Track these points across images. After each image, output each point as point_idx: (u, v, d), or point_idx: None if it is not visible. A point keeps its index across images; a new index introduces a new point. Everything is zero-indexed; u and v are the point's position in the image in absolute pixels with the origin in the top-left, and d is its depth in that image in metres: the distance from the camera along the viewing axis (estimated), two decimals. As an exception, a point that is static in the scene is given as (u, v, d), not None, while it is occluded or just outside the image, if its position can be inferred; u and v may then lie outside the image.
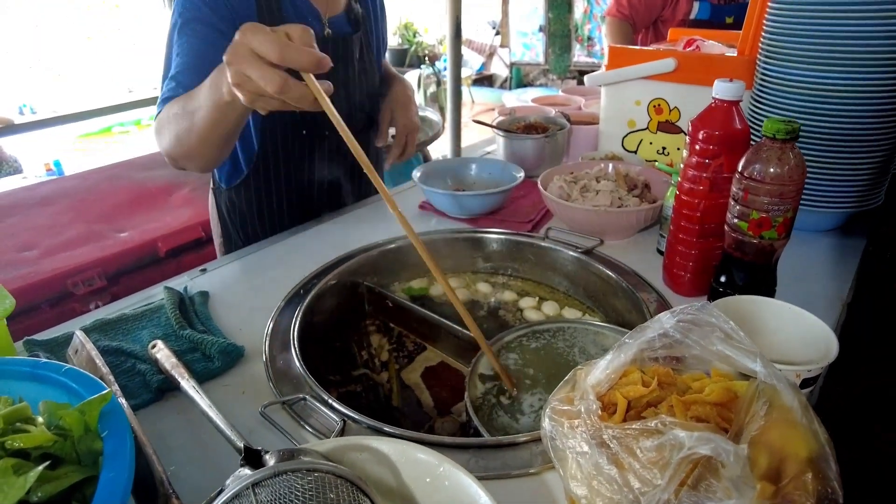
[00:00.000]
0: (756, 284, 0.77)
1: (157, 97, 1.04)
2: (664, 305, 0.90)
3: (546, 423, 0.52)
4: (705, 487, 0.41)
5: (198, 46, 0.99)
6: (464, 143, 4.22)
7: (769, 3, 1.01)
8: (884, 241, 1.00)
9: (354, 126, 1.17)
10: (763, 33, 1.03)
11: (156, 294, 0.96)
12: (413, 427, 0.77)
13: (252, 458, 0.49)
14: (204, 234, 1.74)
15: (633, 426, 0.44)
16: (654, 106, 1.26)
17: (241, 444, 0.51)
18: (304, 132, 1.18)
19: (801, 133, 0.95)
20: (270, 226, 1.25)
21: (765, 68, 1.03)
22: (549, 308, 1.01)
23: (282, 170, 1.20)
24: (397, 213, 0.70)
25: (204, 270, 1.04)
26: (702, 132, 0.79)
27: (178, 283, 0.99)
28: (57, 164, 4.56)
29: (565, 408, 0.52)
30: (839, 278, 0.96)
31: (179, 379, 0.67)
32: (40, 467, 0.39)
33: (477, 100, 6.98)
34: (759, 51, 1.05)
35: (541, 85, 7.24)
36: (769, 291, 0.78)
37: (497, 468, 0.61)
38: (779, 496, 0.42)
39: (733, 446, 0.39)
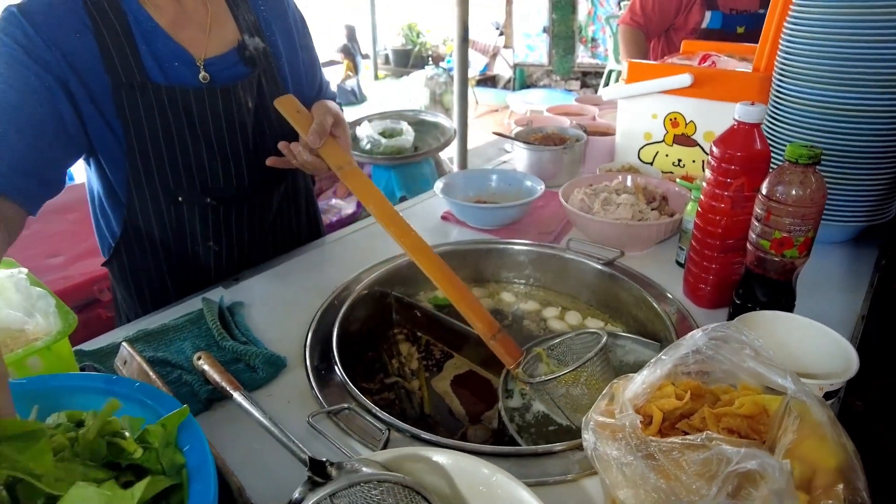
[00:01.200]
0: (776, 299, 0.81)
1: None
2: (684, 317, 0.93)
3: (589, 436, 0.56)
4: (745, 496, 0.45)
5: (12, 119, 0.83)
6: (469, 146, 4.26)
7: (785, 24, 1.05)
8: None
9: (244, 183, 1.05)
10: (779, 52, 1.06)
11: (196, 304, 1.00)
12: (447, 435, 0.80)
13: (317, 468, 0.52)
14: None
15: (678, 440, 0.47)
16: (671, 119, 1.29)
17: (304, 456, 0.55)
18: (208, 200, 1.04)
19: (817, 147, 0.99)
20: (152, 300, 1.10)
21: (779, 86, 1.07)
22: (573, 318, 1.05)
23: (156, 244, 1.06)
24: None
25: (237, 279, 1.07)
26: (725, 152, 0.83)
27: (214, 293, 1.02)
28: (66, 165, 4.57)
29: (607, 420, 0.56)
30: (854, 290, 0.99)
31: (232, 391, 0.70)
32: (144, 482, 0.42)
33: (481, 101, 7.00)
34: (775, 69, 1.08)
35: (544, 86, 7.27)
36: (789, 306, 0.82)
37: (537, 475, 0.64)
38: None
39: (778, 462, 0.42)
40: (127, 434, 0.50)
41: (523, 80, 7.40)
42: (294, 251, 1.17)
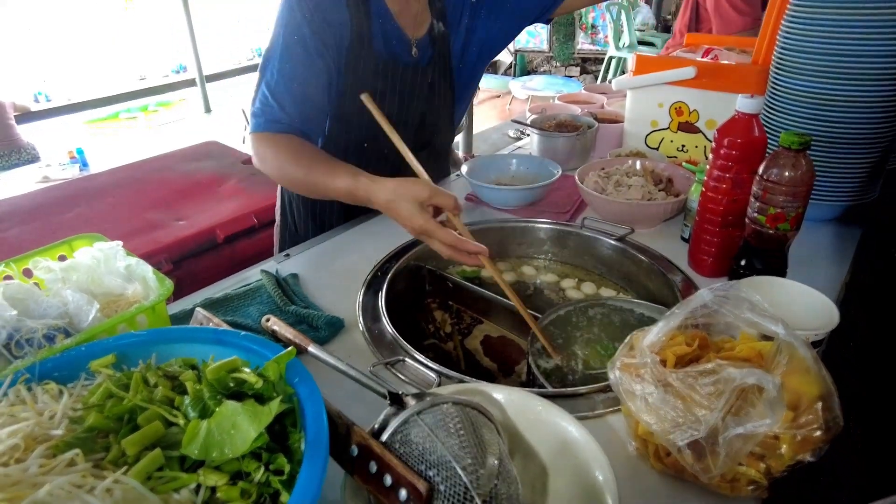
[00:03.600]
0: (771, 267, 0.93)
1: (168, 84, 1.18)
2: (690, 284, 1.05)
3: (615, 373, 0.68)
4: (745, 414, 0.57)
5: (296, 73, 1.09)
6: (473, 131, 4.36)
7: (782, 22, 1.15)
8: (879, 229, 1.15)
9: (418, 140, 1.29)
10: (776, 48, 1.17)
11: (250, 276, 1.11)
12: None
13: (396, 399, 0.64)
14: (256, 222, 1.89)
15: (694, 369, 0.59)
16: (675, 108, 1.41)
17: (383, 390, 0.67)
18: (365, 145, 1.26)
19: (808, 134, 1.11)
20: (322, 224, 1.36)
21: (776, 78, 1.18)
22: (588, 288, 1.17)
23: None
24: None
25: (287, 255, 1.19)
26: (726, 140, 0.94)
27: (268, 266, 1.14)
28: (80, 151, 4.67)
29: (632, 361, 0.68)
30: (839, 261, 1.11)
31: (306, 345, 0.82)
32: (276, 400, 0.54)
33: (482, 86, 7.07)
34: (772, 63, 1.19)
35: (545, 72, 7.34)
36: (781, 273, 0.94)
37: (568, 412, 0.76)
38: (797, 421, 0.58)
39: (772, 377, 0.55)
40: (247, 370, 0.61)
41: (524, 66, 7.47)
42: (336, 228, 1.29)
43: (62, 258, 0.90)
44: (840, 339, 0.83)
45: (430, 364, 0.84)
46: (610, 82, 1.68)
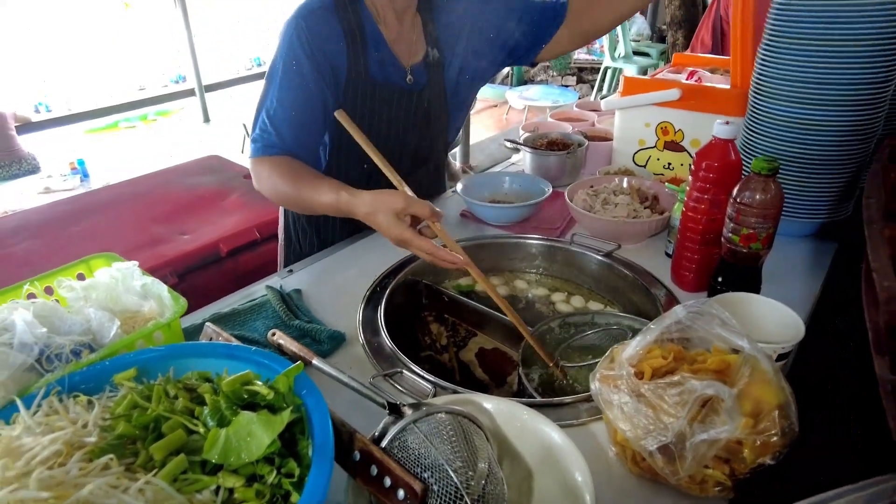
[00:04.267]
0: (745, 283, 0.99)
1: (167, 94, 1.25)
2: (672, 299, 1.11)
3: (595, 384, 0.74)
4: (710, 421, 0.63)
5: (293, 100, 1.16)
6: (471, 141, 4.44)
7: (760, 48, 1.22)
8: (851, 245, 1.22)
9: (410, 164, 1.35)
10: (754, 73, 1.24)
11: (256, 292, 1.17)
12: (478, 395, 0.98)
13: (394, 409, 0.70)
14: (258, 236, 1.95)
15: (662, 381, 0.65)
16: (661, 128, 1.47)
17: (382, 400, 0.73)
18: (366, 166, 1.28)
19: (784, 156, 1.18)
20: (325, 240, 1.42)
21: (755, 102, 1.24)
22: (577, 301, 1.23)
23: None
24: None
25: (291, 271, 1.25)
26: (704, 163, 1.01)
27: (273, 282, 1.20)
28: (81, 162, 4.73)
29: (610, 373, 0.74)
30: (815, 276, 1.18)
31: (310, 359, 0.88)
32: (287, 411, 0.60)
33: (479, 96, 7.15)
34: (751, 87, 1.26)
35: (541, 81, 7.42)
36: (756, 289, 1.00)
37: (553, 419, 0.82)
38: (756, 427, 0.64)
39: (727, 388, 0.61)
40: (259, 382, 0.67)
41: (521, 75, 7.56)
42: (337, 244, 1.35)
43: (81, 276, 0.97)
44: (839, 341, 0.90)
45: (426, 375, 0.90)
46: (602, 98, 1.75)
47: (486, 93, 7.20)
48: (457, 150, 4.14)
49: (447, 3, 1.33)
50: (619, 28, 5.66)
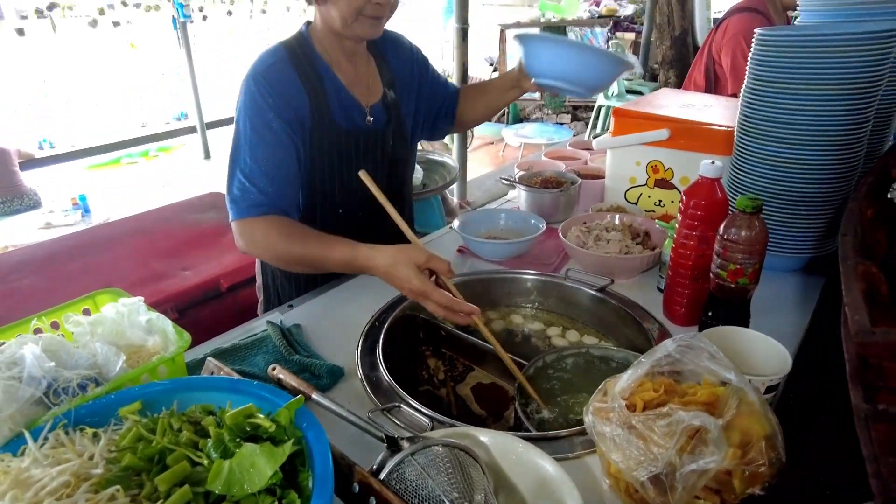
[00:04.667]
0: (734, 317, 1.02)
1: (169, 131, 1.30)
2: (664, 333, 1.14)
3: (589, 418, 0.76)
4: (698, 452, 0.65)
5: (268, 154, 1.17)
6: (468, 177, 4.51)
7: (743, 90, 1.27)
8: (837, 280, 1.25)
9: (390, 196, 1.35)
10: (739, 114, 1.29)
11: (256, 327, 1.19)
12: (475, 429, 1.00)
13: (392, 443, 0.72)
14: (258, 272, 1.98)
15: (651, 413, 0.67)
16: (652, 166, 1.52)
17: (381, 434, 0.74)
18: (340, 211, 1.34)
19: (769, 193, 1.22)
20: (302, 288, 1.39)
21: (740, 142, 1.29)
22: (572, 335, 1.25)
23: None
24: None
25: (291, 306, 1.28)
26: (692, 201, 1.05)
27: (273, 317, 1.22)
28: (82, 198, 4.77)
29: (602, 406, 0.76)
30: (803, 309, 1.21)
31: (310, 393, 0.90)
32: (288, 443, 0.62)
33: (476, 133, 7.29)
34: (736, 128, 1.31)
35: (536, 119, 7.58)
36: (744, 323, 1.02)
37: (548, 453, 0.84)
38: (744, 458, 0.66)
39: (713, 419, 0.63)
40: (261, 415, 0.69)
41: (516, 113, 7.72)
42: (336, 280, 1.38)
43: (87, 312, 0.99)
44: (825, 373, 0.91)
45: (424, 410, 0.91)
46: (595, 137, 1.80)
47: (482, 130, 7.34)
48: (454, 187, 4.21)
49: (394, 49, 1.40)
50: (611, 68, 5.81)
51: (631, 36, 6.79)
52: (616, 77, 1.23)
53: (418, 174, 2.57)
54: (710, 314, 1.05)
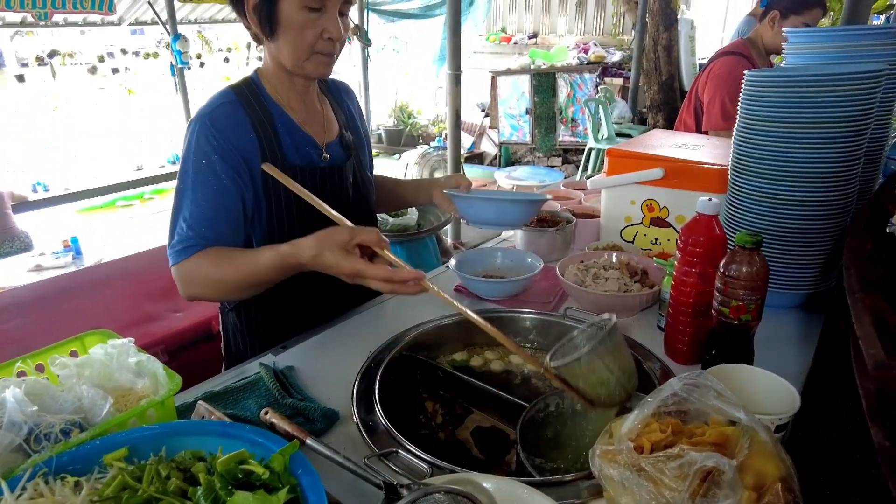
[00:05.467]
0: (738, 354, 1.00)
1: (163, 174, 1.30)
2: (667, 372, 1.11)
3: (596, 461, 0.73)
4: (712, 495, 0.63)
5: (210, 199, 1.15)
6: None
7: (736, 128, 1.29)
8: (838, 316, 1.24)
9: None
10: (732, 152, 1.31)
11: (249, 370, 1.16)
12: (475, 474, 0.96)
13: (391, 489, 0.69)
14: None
15: (661, 454, 0.65)
16: (647, 205, 1.53)
17: (379, 481, 0.71)
18: None
19: (766, 230, 1.22)
20: (266, 342, 1.30)
21: (734, 179, 1.30)
22: (573, 376, 1.22)
23: (282, 292, 1.24)
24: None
25: (284, 347, 1.25)
26: (690, 238, 1.04)
27: (266, 359, 1.19)
28: (74, 241, 4.75)
29: (609, 448, 0.73)
30: (806, 346, 1.19)
31: (304, 438, 0.86)
32: (283, 490, 0.59)
33: (469, 176, 7.37)
34: (730, 164, 1.32)
35: (528, 162, 7.69)
36: (748, 360, 1.01)
37: (554, 498, 0.80)
38: (761, 501, 0.63)
39: (727, 459, 0.60)
40: (254, 461, 0.66)
41: (508, 157, 7.83)
42: (332, 321, 1.35)
43: (74, 353, 0.96)
44: (834, 411, 0.89)
45: (423, 455, 0.88)
46: (587, 178, 1.82)
47: (475, 173, 7.44)
48: (448, 227, 4.22)
49: (348, 98, 1.44)
50: (601, 111, 5.95)
51: (619, 81, 6.98)
52: (535, 213, 1.52)
53: (413, 215, 2.58)
54: (713, 352, 1.03)
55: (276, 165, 1.20)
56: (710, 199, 1.04)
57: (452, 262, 1.44)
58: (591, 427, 0.96)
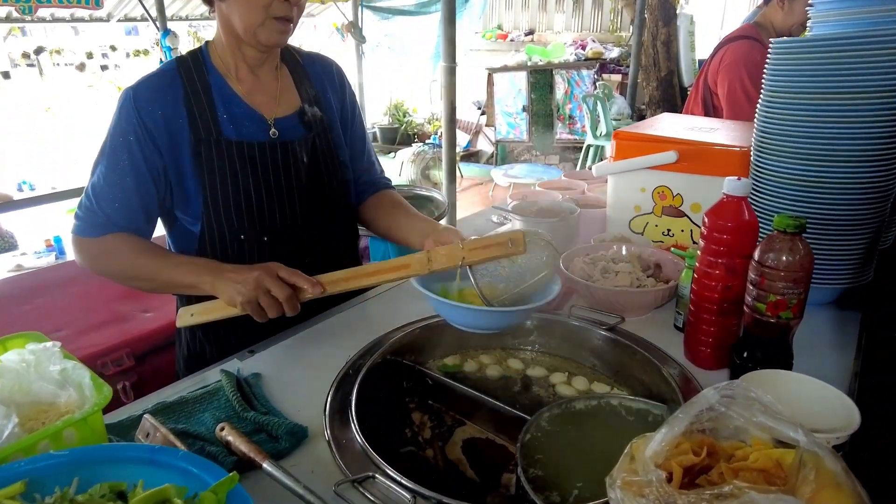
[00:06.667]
0: (775, 359, 0.85)
1: None
2: (688, 378, 0.97)
3: (616, 493, 0.59)
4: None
5: (121, 179, 1.09)
6: (458, 216, 4.38)
7: (759, 105, 1.15)
8: (879, 314, 1.10)
9: (298, 222, 1.21)
10: (755, 131, 1.17)
11: (209, 377, 1.01)
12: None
13: (358, 531, 0.54)
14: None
15: (707, 491, 0.50)
16: (658, 192, 1.38)
17: (344, 519, 0.56)
18: (243, 237, 1.18)
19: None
20: (218, 342, 1.24)
21: (758, 161, 1.16)
22: (580, 383, 1.07)
23: None
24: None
25: (252, 352, 1.10)
26: (717, 224, 0.90)
27: (229, 365, 1.04)
28: (57, 240, 4.62)
29: (633, 478, 0.58)
30: (843, 348, 1.05)
31: (261, 461, 0.72)
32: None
33: (465, 175, 7.23)
34: (753, 145, 1.18)
35: (525, 161, 7.55)
36: (787, 365, 0.86)
37: (564, 537, 0.66)
38: (835, 552, 0.49)
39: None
40: (179, 502, 0.51)
41: (505, 155, 7.69)
42: (308, 321, 1.20)
43: (-9, 362, 0.81)
44: (862, 443, 0.75)
45: (404, 481, 0.73)
46: (590, 169, 1.68)
47: (471, 171, 7.30)
48: (443, 223, 4.07)
49: (323, 72, 1.29)
50: (600, 107, 5.82)
51: (617, 78, 6.85)
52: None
53: (404, 210, 2.43)
54: (744, 355, 0.89)
55: (210, 139, 1.12)
56: (738, 179, 0.90)
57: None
58: (604, 444, 0.81)
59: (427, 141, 7.38)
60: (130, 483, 0.58)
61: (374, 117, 8.42)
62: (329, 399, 0.92)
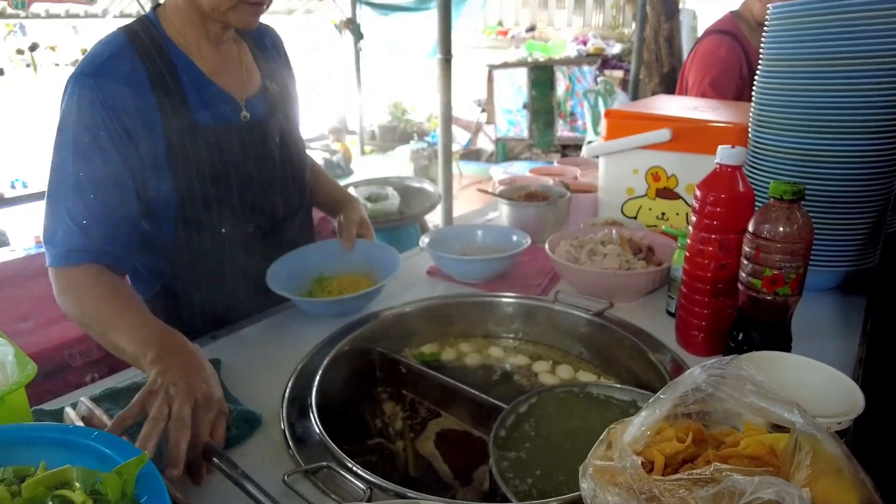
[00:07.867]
0: (772, 341, 0.78)
1: None
2: (679, 365, 0.90)
3: (587, 483, 0.52)
4: (764, 541, 0.41)
5: (95, 183, 0.92)
6: (455, 213, 4.31)
7: (756, 77, 1.08)
8: (886, 298, 1.03)
9: (279, 212, 1.15)
10: (753, 103, 1.10)
11: (167, 363, 0.95)
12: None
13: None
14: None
15: (684, 476, 0.43)
16: (652, 174, 1.31)
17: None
18: (223, 231, 1.08)
19: (798, 196, 1.00)
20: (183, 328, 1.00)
21: (756, 135, 1.09)
22: (564, 371, 1.01)
23: (201, 278, 1.10)
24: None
25: (214, 337, 1.03)
26: (709, 196, 0.83)
27: (190, 351, 0.98)
28: (48, 238, 4.55)
29: (606, 465, 0.51)
30: (847, 334, 0.97)
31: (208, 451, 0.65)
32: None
33: (465, 173, 7.17)
34: (751, 119, 1.11)
35: (525, 159, 7.48)
36: (785, 347, 0.79)
37: (533, 534, 0.59)
38: (837, 549, 0.42)
39: (797, 489, 0.39)
40: (77, 485, 0.45)
41: (505, 153, 7.62)
42: (279, 306, 1.13)
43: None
44: (866, 430, 0.68)
45: (361, 472, 0.66)
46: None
47: (470, 169, 7.24)
48: (440, 220, 3.99)
49: (272, 43, 1.19)
50: (601, 103, 5.75)
51: (619, 74, 6.77)
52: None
53: (394, 201, 2.37)
54: (739, 337, 0.81)
55: (183, 126, 0.98)
56: (733, 147, 0.83)
57: (424, 239, 1.23)
58: (584, 434, 0.74)
59: (425, 138, 7.32)
60: (46, 465, 0.52)
61: (374, 116, 8.37)
62: (290, 386, 0.86)
